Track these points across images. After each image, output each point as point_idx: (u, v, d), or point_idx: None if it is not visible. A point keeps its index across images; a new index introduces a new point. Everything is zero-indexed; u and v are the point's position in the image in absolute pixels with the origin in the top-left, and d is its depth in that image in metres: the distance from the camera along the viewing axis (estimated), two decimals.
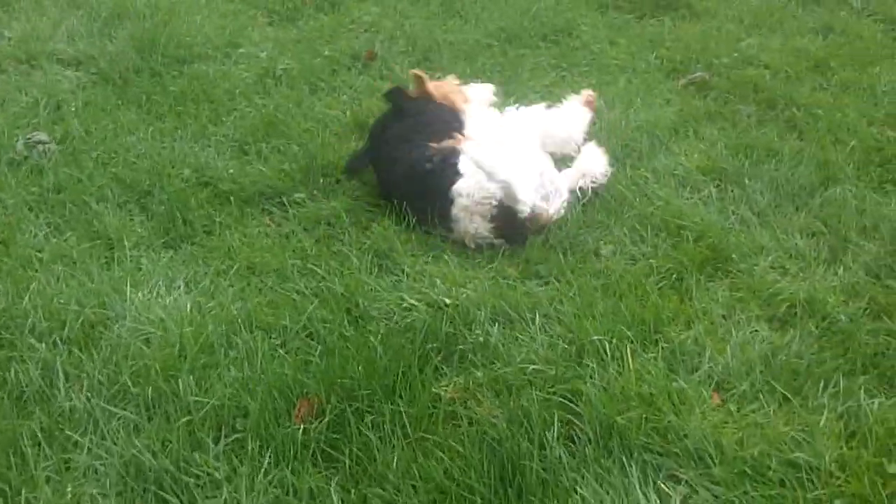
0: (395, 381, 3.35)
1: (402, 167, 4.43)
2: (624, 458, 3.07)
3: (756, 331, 3.67)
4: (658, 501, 2.97)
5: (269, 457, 3.11)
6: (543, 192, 4.26)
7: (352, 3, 6.79)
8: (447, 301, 3.78)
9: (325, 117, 5.23)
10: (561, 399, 3.30)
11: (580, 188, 4.48)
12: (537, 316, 3.71)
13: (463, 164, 4.22)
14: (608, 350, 3.51)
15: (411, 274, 4.00)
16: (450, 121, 4.66)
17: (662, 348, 3.56)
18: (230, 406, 3.27)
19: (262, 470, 3.06)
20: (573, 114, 4.82)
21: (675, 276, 3.97)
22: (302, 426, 3.18)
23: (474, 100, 4.94)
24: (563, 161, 4.63)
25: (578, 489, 2.97)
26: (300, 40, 6.24)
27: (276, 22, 6.61)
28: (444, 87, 4.99)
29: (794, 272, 4.00)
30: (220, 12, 6.70)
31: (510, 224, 4.20)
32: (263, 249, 4.19)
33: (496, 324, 3.68)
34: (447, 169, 4.27)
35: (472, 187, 4.17)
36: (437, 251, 4.19)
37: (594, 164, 4.53)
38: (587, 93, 4.94)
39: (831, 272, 3.99)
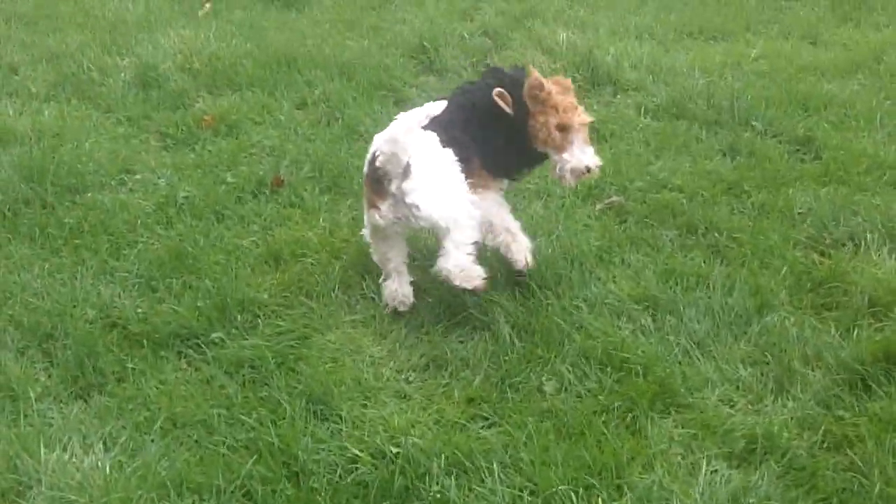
0: None
1: None
2: None
3: (716, 470, 3.51)
4: None
5: None
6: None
7: (250, 126, 6.55)
8: (394, 450, 3.52)
9: (235, 249, 4.97)
10: None
11: None
12: (494, 464, 3.48)
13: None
14: (575, 502, 3.29)
15: (349, 419, 3.75)
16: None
17: (629, 496, 3.36)
18: None
19: None
20: None
21: (626, 413, 3.80)
22: None
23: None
24: None
25: None
26: (199, 166, 5.97)
27: (170, 146, 6.33)
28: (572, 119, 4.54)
29: (744, 405, 3.88)
30: (109, 136, 6.41)
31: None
32: (184, 398, 3.89)
33: (451, 475, 3.43)
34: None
35: None
36: (373, 391, 3.95)
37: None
38: None
39: (780, 404, 3.88)
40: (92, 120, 6.71)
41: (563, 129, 4.44)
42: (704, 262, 4.84)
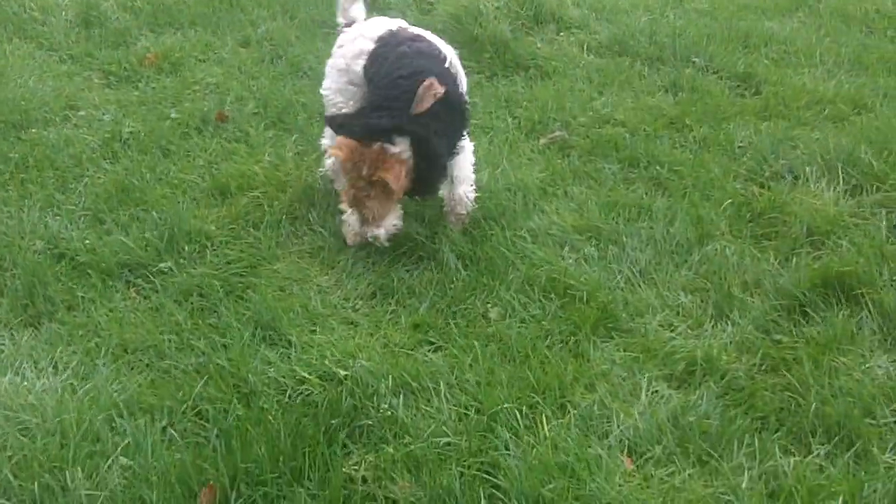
0: (302, 463, 3.13)
1: None
2: None
3: (657, 391, 3.60)
4: None
5: None
6: None
7: (193, 64, 6.52)
8: (343, 373, 3.58)
9: (181, 183, 4.98)
10: (479, 473, 3.15)
11: None
12: (440, 385, 3.55)
13: None
14: (519, 419, 3.37)
15: (298, 344, 3.80)
16: None
17: (572, 414, 3.44)
18: (125, 498, 3.01)
19: None
20: None
21: (569, 337, 3.88)
22: None
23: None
24: None
25: None
26: (143, 102, 5.95)
27: (114, 84, 6.29)
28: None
29: (684, 330, 3.96)
30: (53, 74, 6.35)
31: None
32: (134, 325, 3.93)
33: (400, 395, 3.50)
34: None
35: None
36: (321, 318, 4.00)
37: None
38: None
39: (720, 329, 3.96)
40: (35, 58, 6.63)
41: None
42: (646, 194, 4.92)
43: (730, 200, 4.77)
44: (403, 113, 4.17)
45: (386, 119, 4.17)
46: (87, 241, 4.44)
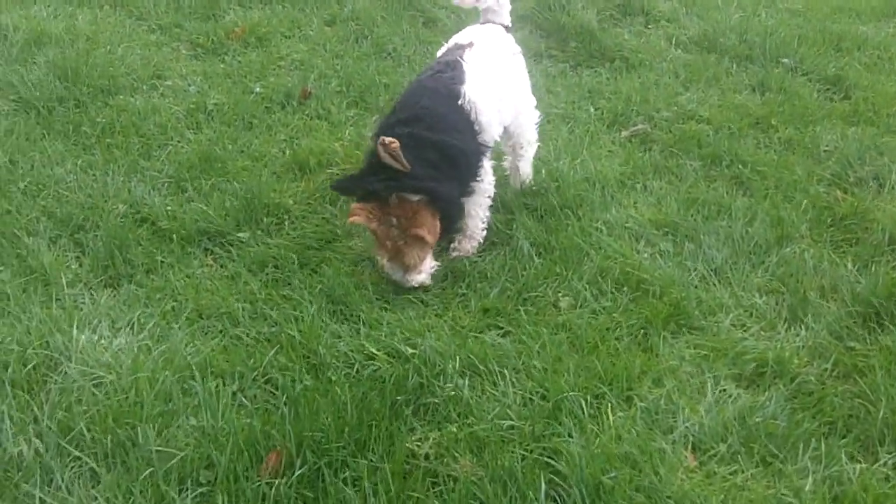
0: (367, 435, 3.17)
1: None
2: None
3: (725, 389, 3.57)
4: None
5: None
6: None
7: (279, 39, 6.58)
8: (410, 351, 3.61)
9: (262, 156, 5.04)
10: (540, 457, 3.17)
11: None
12: (507, 369, 3.57)
13: None
14: (584, 408, 3.37)
15: (368, 320, 3.84)
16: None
17: (637, 406, 3.43)
18: (194, 457, 3.07)
19: None
20: None
21: (639, 331, 3.86)
22: (277, 481, 2.99)
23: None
24: None
25: None
26: (229, 75, 6.02)
27: (200, 55, 6.36)
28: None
29: (756, 331, 3.92)
30: (141, 42, 6.44)
31: None
32: (210, 291, 4.00)
33: (466, 376, 3.53)
34: None
35: None
36: (391, 296, 4.04)
37: None
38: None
39: (793, 332, 3.92)
40: (125, 27, 6.72)
41: None
42: (727, 192, 4.87)
43: (812, 204, 4.71)
44: (396, 173, 3.91)
45: (378, 183, 3.93)
46: (169, 208, 4.53)
